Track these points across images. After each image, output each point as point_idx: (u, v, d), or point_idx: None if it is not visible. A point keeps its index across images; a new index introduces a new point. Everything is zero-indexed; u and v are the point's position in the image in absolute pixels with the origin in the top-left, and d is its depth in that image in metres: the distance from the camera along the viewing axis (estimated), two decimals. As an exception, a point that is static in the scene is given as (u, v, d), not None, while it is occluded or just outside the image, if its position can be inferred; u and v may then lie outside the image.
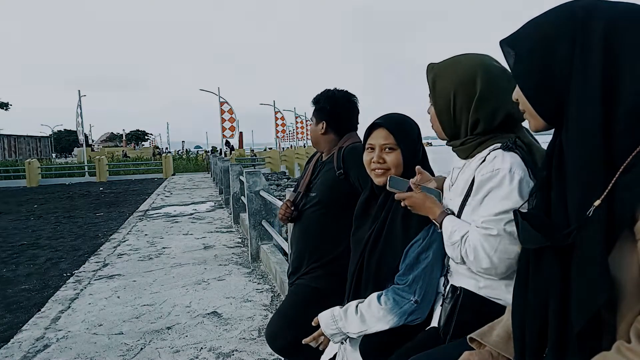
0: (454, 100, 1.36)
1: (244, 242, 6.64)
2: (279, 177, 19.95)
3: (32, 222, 9.42)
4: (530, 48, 0.87)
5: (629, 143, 0.76)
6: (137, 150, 50.65)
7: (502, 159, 1.26)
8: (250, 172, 5.93)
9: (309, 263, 2.23)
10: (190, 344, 3.32)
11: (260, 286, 4.60)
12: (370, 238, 1.73)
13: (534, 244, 0.86)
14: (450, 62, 1.40)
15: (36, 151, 52.77)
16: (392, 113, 1.81)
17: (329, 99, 2.35)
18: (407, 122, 1.78)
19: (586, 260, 0.77)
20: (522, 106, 0.94)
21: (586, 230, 0.76)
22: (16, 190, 17.34)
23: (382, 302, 1.57)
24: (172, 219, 9.15)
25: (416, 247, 1.59)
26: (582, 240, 0.77)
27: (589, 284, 0.76)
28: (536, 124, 0.92)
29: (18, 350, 3.34)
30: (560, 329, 0.82)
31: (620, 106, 0.77)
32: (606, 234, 0.75)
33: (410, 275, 1.56)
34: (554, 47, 0.83)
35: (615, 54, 0.78)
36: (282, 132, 30.05)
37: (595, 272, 0.75)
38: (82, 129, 22.89)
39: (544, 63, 0.85)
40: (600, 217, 0.75)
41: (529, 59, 0.87)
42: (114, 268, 5.54)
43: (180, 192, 14.60)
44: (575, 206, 0.80)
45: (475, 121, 1.35)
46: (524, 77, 0.89)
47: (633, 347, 0.73)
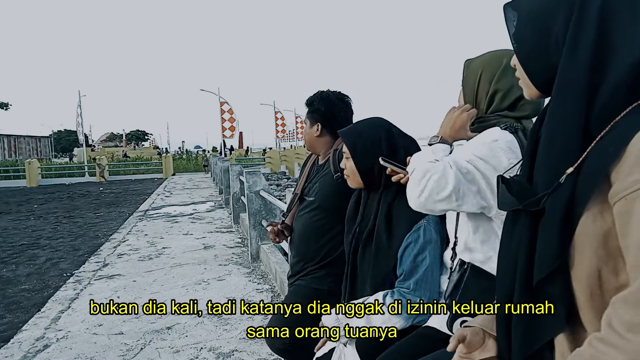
0: (480, 76, 1.46)
1: (244, 242, 6.65)
2: (279, 177, 19.95)
3: (32, 222, 9.43)
4: (530, 9, 0.87)
5: (609, 114, 0.77)
6: (137, 150, 50.66)
7: (494, 131, 1.35)
8: (250, 172, 5.93)
9: (309, 265, 2.23)
10: (190, 344, 3.32)
11: (260, 286, 4.60)
12: (358, 239, 1.76)
13: (507, 207, 0.90)
14: (483, 53, 1.52)
15: (36, 151, 52.81)
16: (358, 122, 1.86)
17: (323, 101, 2.32)
18: (363, 132, 1.79)
19: (550, 222, 0.80)
20: (518, 73, 0.94)
21: (556, 196, 0.79)
22: (16, 190, 17.35)
23: (387, 304, 1.57)
24: (172, 219, 9.16)
25: (410, 250, 1.59)
26: (550, 205, 0.80)
27: (548, 244, 0.79)
28: (530, 92, 0.93)
29: (18, 350, 3.34)
30: (524, 285, 0.85)
31: (609, 76, 0.77)
32: (573, 198, 0.77)
33: (411, 280, 1.57)
34: (555, 11, 0.83)
35: (610, 23, 0.78)
36: (282, 132, 30.09)
37: (554, 233, 0.78)
38: (82, 129, 22.91)
39: (542, 27, 0.85)
40: (571, 183, 0.78)
41: (528, 20, 0.87)
42: (114, 268, 5.54)
43: (180, 192, 14.61)
44: (549, 173, 0.82)
45: (494, 92, 1.42)
46: (520, 41, 0.89)
47: (604, 337, 0.71)
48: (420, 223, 1.61)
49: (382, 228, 1.67)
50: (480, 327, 1.05)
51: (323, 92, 2.35)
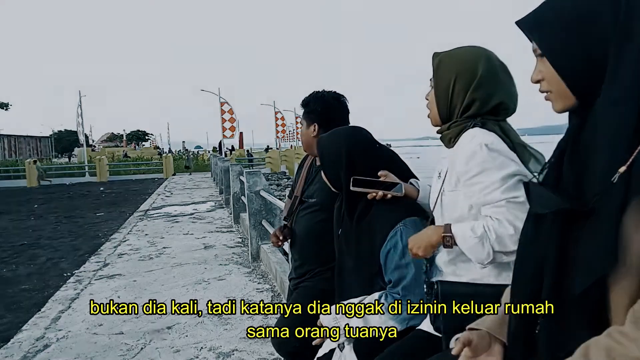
0: (454, 82, 1.42)
1: (244, 242, 6.64)
2: (279, 177, 19.96)
3: (32, 222, 9.43)
4: (561, 16, 0.84)
5: None
6: (137, 150, 50.65)
7: (481, 133, 1.34)
8: (250, 172, 5.93)
9: (313, 267, 2.23)
10: (190, 344, 3.32)
11: (261, 286, 4.60)
12: (340, 243, 1.81)
13: (548, 208, 0.84)
14: (455, 50, 1.47)
15: (36, 151, 52.81)
16: (330, 132, 1.89)
17: (319, 101, 2.31)
18: (327, 144, 1.83)
19: (601, 224, 0.75)
20: (548, 86, 0.89)
21: (609, 196, 0.75)
22: (16, 190, 17.35)
23: (387, 304, 1.58)
24: (173, 218, 9.15)
25: (392, 256, 1.60)
26: (601, 204, 0.76)
27: (598, 248, 0.75)
28: (565, 102, 0.88)
29: (18, 350, 3.34)
30: (554, 295, 0.82)
31: None
32: (624, 200, 0.73)
33: (399, 287, 1.58)
34: (595, 16, 0.80)
35: None
36: (282, 132, 30.08)
37: (608, 237, 0.73)
38: (83, 129, 22.91)
39: (584, 33, 0.81)
40: (623, 183, 0.74)
41: (566, 31, 0.83)
42: (114, 268, 5.54)
43: (181, 192, 14.61)
44: (601, 173, 0.77)
45: (471, 101, 1.40)
46: (559, 53, 0.85)
47: (627, 331, 0.70)
48: (397, 227, 1.61)
49: (360, 233, 1.70)
50: (487, 330, 1.03)
51: (318, 93, 2.33)
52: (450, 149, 1.44)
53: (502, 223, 1.26)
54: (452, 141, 1.42)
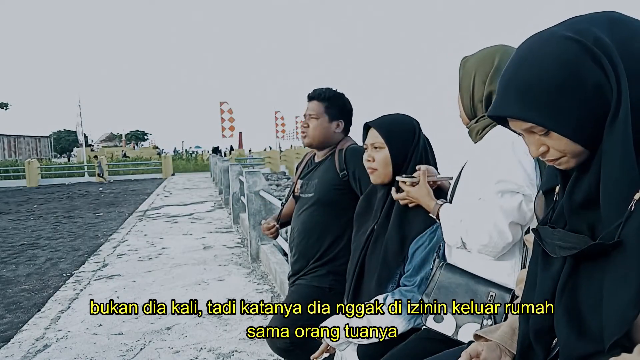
0: (475, 76, 1.45)
1: (244, 242, 6.65)
2: (279, 177, 19.96)
3: (32, 222, 9.43)
4: (557, 85, 0.78)
5: None
6: (136, 150, 50.62)
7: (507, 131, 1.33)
8: (250, 172, 5.93)
9: (310, 263, 2.23)
10: (190, 344, 3.32)
11: (260, 286, 4.60)
12: (370, 237, 1.74)
13: (572, 250, 0.82)
14: (478, 51, 1.51)
15: (36, 151, 52.77)
16: (387, 114, 1.83)
17: (344, 100, 2.34)
18: (397, 121, 1.78)
19: (631, 261, 0.73)
20: (558, 153, 0.85)
21: (630, 225, 0.73)
22: (16, 190, 17.34)
23: (387, 304, 1.56)
24: (172, 219, 9.16)
25: (423, 249, 1.60)
26: (627, 236, 0.74)
27: (631, 291, 0.72)
28: (581, 157, 0.85)
29: (18, 350, 3.34)
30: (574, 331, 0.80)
31: None
32: None
33: (418, 277, 1.57)
34: (581, 76, 0.78)
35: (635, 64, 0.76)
36: (282, 132, 30.10)
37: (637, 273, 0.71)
38: (82, 129, 22.91)
39: (577, 95, 0.78)
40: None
41: (560, 97, 0.79)
42: (113, 268, 5.54)
43: (180, 192, 14.61)
44: (616, 201, 0.76)
45: (489, 93, 1.41)
46: (565, 123, 0.81)
47: None
48: (436, 224, 1.60)
49: (396, 227, 1.67)
50: (497, 342, 1.01)
51: (335, 91, 2.35)
52: (475, 144, 1.47)
53: (482, 226, 1.31)
54: (478, 135, 1.45)
